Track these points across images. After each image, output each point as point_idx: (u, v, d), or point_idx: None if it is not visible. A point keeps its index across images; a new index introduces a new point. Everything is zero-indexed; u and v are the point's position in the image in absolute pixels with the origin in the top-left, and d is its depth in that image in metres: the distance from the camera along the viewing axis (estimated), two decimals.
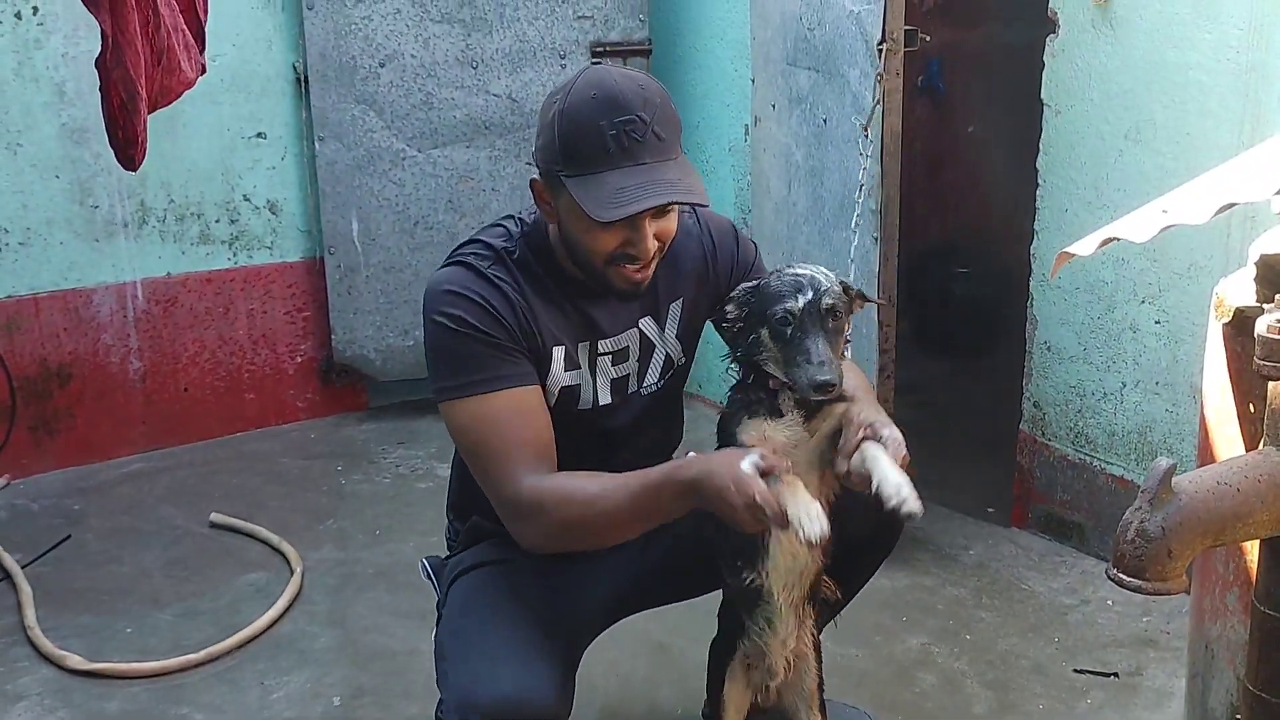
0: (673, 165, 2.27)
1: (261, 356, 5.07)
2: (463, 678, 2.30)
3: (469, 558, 2.59)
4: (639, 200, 2.20)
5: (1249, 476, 1.72)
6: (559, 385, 2.42)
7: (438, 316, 2.32)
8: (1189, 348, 3.47)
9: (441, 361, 2.36)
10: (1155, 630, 3.49)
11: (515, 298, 2.34)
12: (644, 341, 2.52)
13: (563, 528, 2.29)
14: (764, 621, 2.44)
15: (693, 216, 2.60)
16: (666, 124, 2.27)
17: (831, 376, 2.17)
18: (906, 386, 4.57)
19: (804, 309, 2.22)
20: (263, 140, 4.90)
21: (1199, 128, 3.40)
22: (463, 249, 2.43)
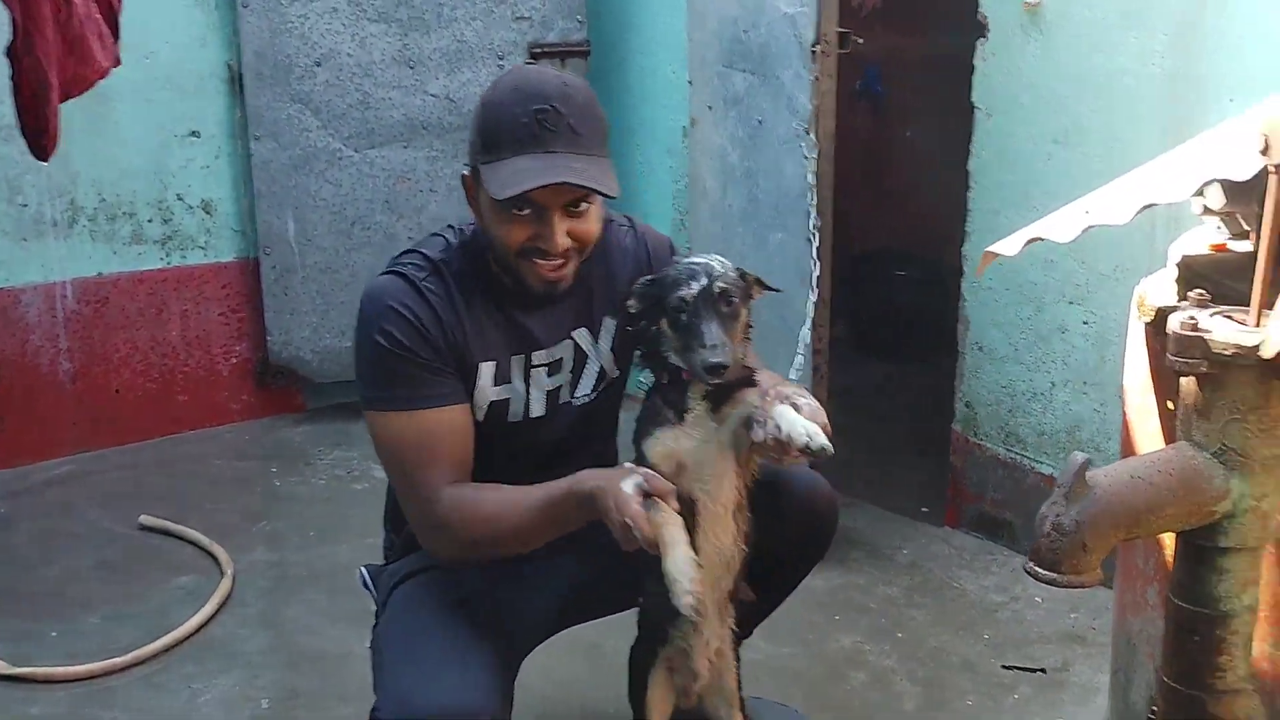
0: (584, 158, 2.26)
1: (195, 358, 5.02)
2: (400, 684, 2.28)
3: (408, 564, 2.57)
4: (534, 179, 2.21)
5: (1161, 471, 1.74)
6: (487, 400, 2.43)
7: (373, 331, 2.32)
8: (1116, 348, 3.50)
9: (369, 372, 2.37)
10: (1082, 626, 3.53)
11: (445, 314, 2.34)
12: (578, 352, 2.52)
13: (471, 542, 2.33)
14: (688, 624, 2.43)
15: (631, 233, 2.60)
16: (585, 121, 2.27)
17: (724, 358, 2.18)
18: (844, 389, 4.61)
19: (698, 295, 2.23)
20: (196, 139, 4.86)
21: (1126, 132, 3.44)
22: (401, 259, 2.42)
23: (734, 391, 2.28)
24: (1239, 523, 1.77)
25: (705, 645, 2.45)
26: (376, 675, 2.42)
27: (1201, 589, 1.82)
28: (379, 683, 2.38)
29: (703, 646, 2.45)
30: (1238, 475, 1.75)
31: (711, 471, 2.28)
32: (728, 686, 2.54)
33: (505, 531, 2.30)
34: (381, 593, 2.60)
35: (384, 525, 2.73)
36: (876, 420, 5.10)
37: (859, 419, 4.97)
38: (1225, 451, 1.75)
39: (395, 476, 2.41)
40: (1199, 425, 1.78)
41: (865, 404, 5.24)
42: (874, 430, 4.98)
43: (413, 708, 2.21)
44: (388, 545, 2.71)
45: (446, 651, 2.33)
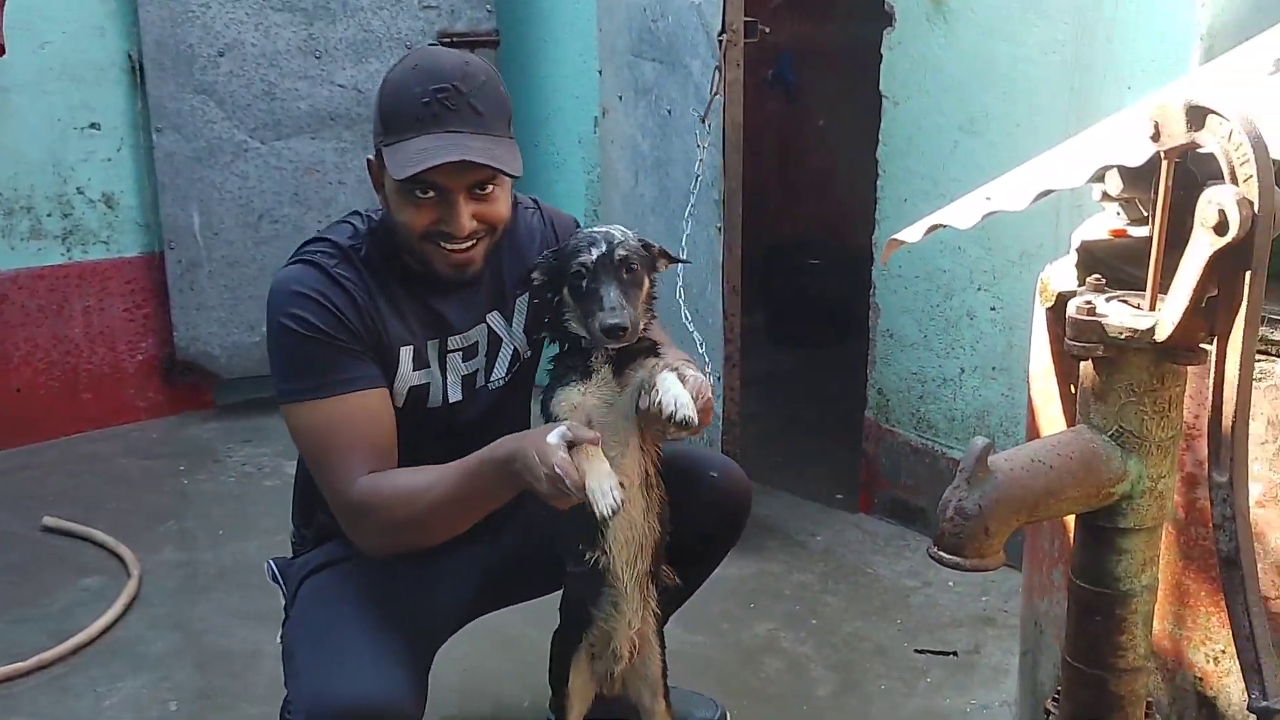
0: (485, 138, 2.24)
1: (99, 355, 4.92)
2: (313, 680, 2.25)
3: (317, 556, 2.54)
4: (431, 158, 2.18)
5: (1061, 454, 1.75)
6: (407, 385, 2.40)
7: (282, 318, 2.28)
8: (1023, 333, 3.53)
9: (284, 363, 2.32)
10: (994, 609, 3.57)
11: (361, 298, 2.31)
12: (491, 336, 2.51)
13: (394, 526, 2.28)
14: (610, 604, 2.43)
15: (537, 212, 2.60)
16: (487, 100, 2.26)
17: (622, 320, 2.18)
18: (759, 378, 4.64)
19: (597, 260, 2.24)
20: (97, 131, 4.75)
21: (1029, 119, 3.48)
22: (309, 246, 2.38)
23: (636, 359, 2.28)
24: (1137, 504, 1.78)
25: (627, 626, 2.45)
26: (288, 669, 2.38)
27: (1102, 569, 1.83)
28: (290, 677, 2.35)
29: (624, 627, 2.45)
30: (1135, 457, 1.77)
31: (616, 439, 2.26)
32: (651, 673, 2.55)
33: (427, 510, 2.25)
34: (290, 586, 2.56)
35: (292, 519, 2.69)
36: (790, 408, 5.13)
37: (773, 407, 5.00)
38: (1122, 434, 1.77)
39: (315, 467, 2.35)
40: (1097, 408, 1.79)
41: (778, 392, 5.26)
42: (787, 418, 5.00)
43: (326, 703, 2.18)
44: (296, 539, 2.68)
45: (359, 644, 2.29)
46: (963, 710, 3.12)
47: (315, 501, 2.46)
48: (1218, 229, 1.59)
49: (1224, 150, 1.60)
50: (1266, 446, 2.08)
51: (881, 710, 3.13)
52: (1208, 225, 1.60)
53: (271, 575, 2.64)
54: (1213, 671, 2.28)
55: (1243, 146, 1.57)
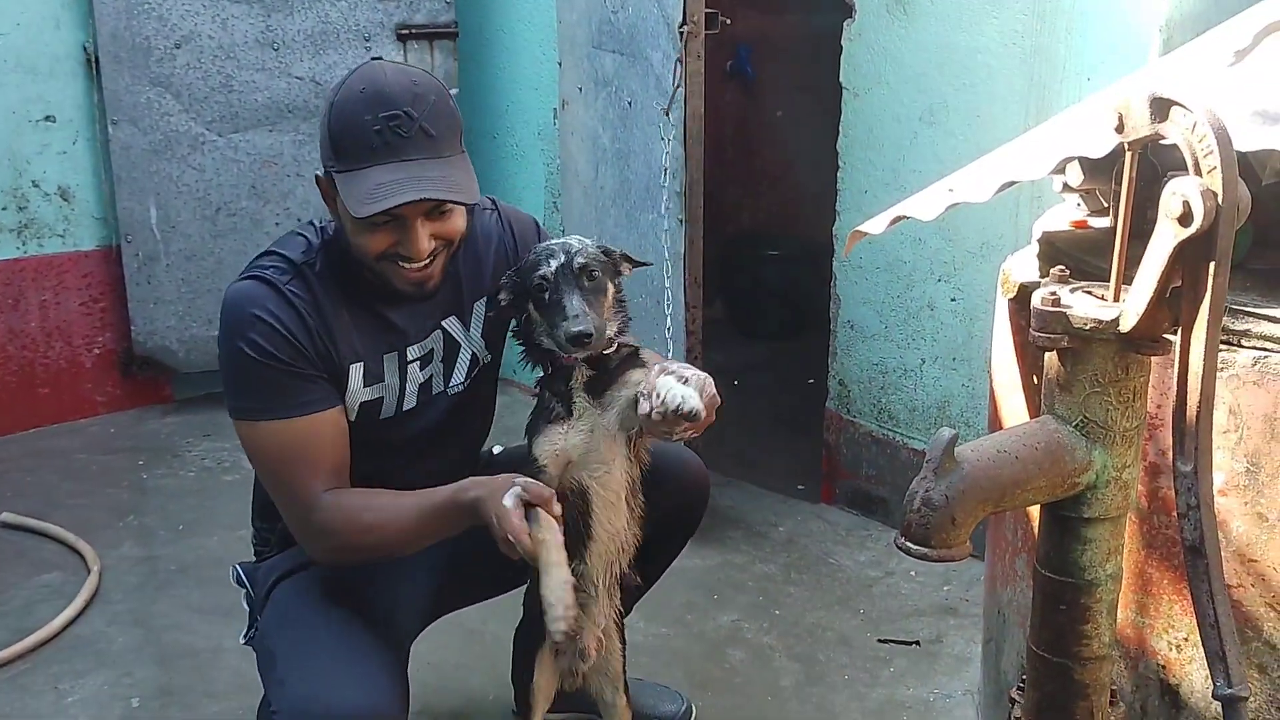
0: (441, 163, 2.22)
1: (56, 349, 4.87)
2: (300, 690, 2.24)
3: (285, 562, 2.53)
4: (393, 195, 2.16)
5: (1027, 444, 1.76)
6: (358, 401, 2.39)
7: (237, 340, 2.26)
8: (983, 324, 3.57)
9: (236, 383, 2.31)
10: (955, 599, 3.60)
11: (312, 319, 2.29)
12: (448, 341, 2.49)
13: (352, 549, 2.31)
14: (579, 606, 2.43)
15: (495, 214, 2.58)
16: (439, 121, 2.22)
17: (585, 327, 2.18)
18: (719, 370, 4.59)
19: (556, 271, 2.25)
20: (52, 124, 4.70)
21: (988, 110, 3.50)
22: (262, 261, 2.35)
23: (617, 374, 2.28)
24: (1102, 493, 1.80)
25: (594, 625, 2.45)
26: (268, 677, 2.38)
27: (1067, 559, 1.85)
28: (274, 684, 2.33)
29: (592, 627, 2.45)
30: (1099, 447, 1.78)
31: (600, 459, 2.28)
32: (613, 668, 2.56)
33: (388, 539, 2.29)
34: (259, 590, 2.54)
35: (253, 519, 2.67)
36: (751, 399, 5.14)
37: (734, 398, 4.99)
38: (1087, 424, 1.78)
39: (270, 485, 2.36)
40: (1061, 399, 1.81)
41: (740, 384, 5.27)
42: (749, 409, 5.01)
43: (313, 710, 2.18)
44: (259, 540, 2.66)
45: (341, 651, 2.30)
46: (926, 699, 3.14)
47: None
48: (1182, 220, 1.60)
49: (1188, 142, 1.61)
50: (1228, 435, 2.10)
51: (845, 700, 3.14)
52: (1172, 216, 1.61)
53: (237, 579, 2.62)
54: (1175, 659, 2.30)
55: (1207, 138, 1.58)
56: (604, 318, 2.26)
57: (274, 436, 2.28)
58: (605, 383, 2.29)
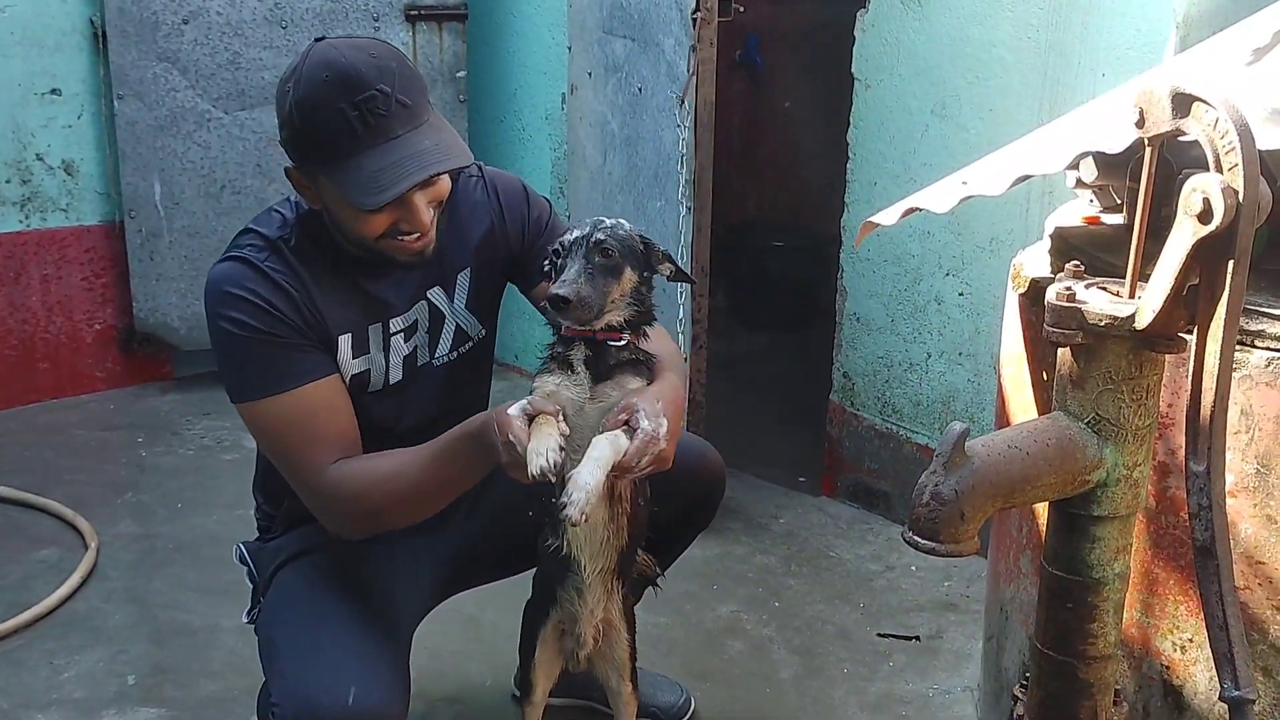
0: (426, 130, 2.18)
1: (57, 324, 4.85)
2: (302, 681, 2.21)
3: (290, 544, 2.51)
4: (399, 180, 2.12)
5: (1038, 441, 1.75)
6: (349, 374, 2.36)
7: (219, 320, 2.24)
8: (990, 319, 3.56)
9: (229, 364, 2.29)
10: (956, 594, 3.58)
11: (295, 290, 2.26)
12: (433, 312, 2.46)
13: (371, 512, 2.26)
14: (573, 591, 2.43)
15: (480, 180, 2.53)
16: (409, 89, 2.17)
17: (565, 291, 2.14)
18: (722, 360, 4.62)
19: (573, 241, 2.22)
20: (57, 97, 4.68)
21: (1001, 104, 3.48)
22: (238, 240, 2.32)
23: (618, 372, 2.25)
24: (1112, 492, 1.78)
25: (590, 614, 2.44)
26: (270, 666, 2.35)
27: (1075, 557, 1.83)
28: (276, 676, 2.31)
29: (588, 615, 2.44)
30: (1111, 445, 1.77)
31: (579, 443, 2.24)
32: (618, 656, 2.55)
33: (404, 493, 2.24)
34: (263, 573, 2.52)
35: (256, 497, 2.65)
36: (753, 390, 5.12)
37: (735, 389, 4.99)
38: (1099, 421, 1.76)
39: (278, 462, 2.32)
40: (1074, 395, 1.79)
41: (742, 374, 5.26)
42: (751, 400, 5.00)
43: (318, 708, 2.15)
44: (262, 518, 2.63)
45: (344, 646, 2.27)
46: (925, 695, 3.12)
47: (284, 485, 2.41)
48: (1201, 217, 1.58)
49: (1209, 138, 1.59)
50: (1239, 436, 2.09)
51: (843, 693, 3.13)
52: (1191, 213, 1.59)
53: (240, 558, 2.60)
54: (1179, 660, 2.29)
55: (1229, 134, 1.56)
56: (606, 298, 2.21)
57: (272, 413, 2.25)
58: (602, 369, 2.25)
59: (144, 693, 3.08)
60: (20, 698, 3.03)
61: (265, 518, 2.62)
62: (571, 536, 2.33)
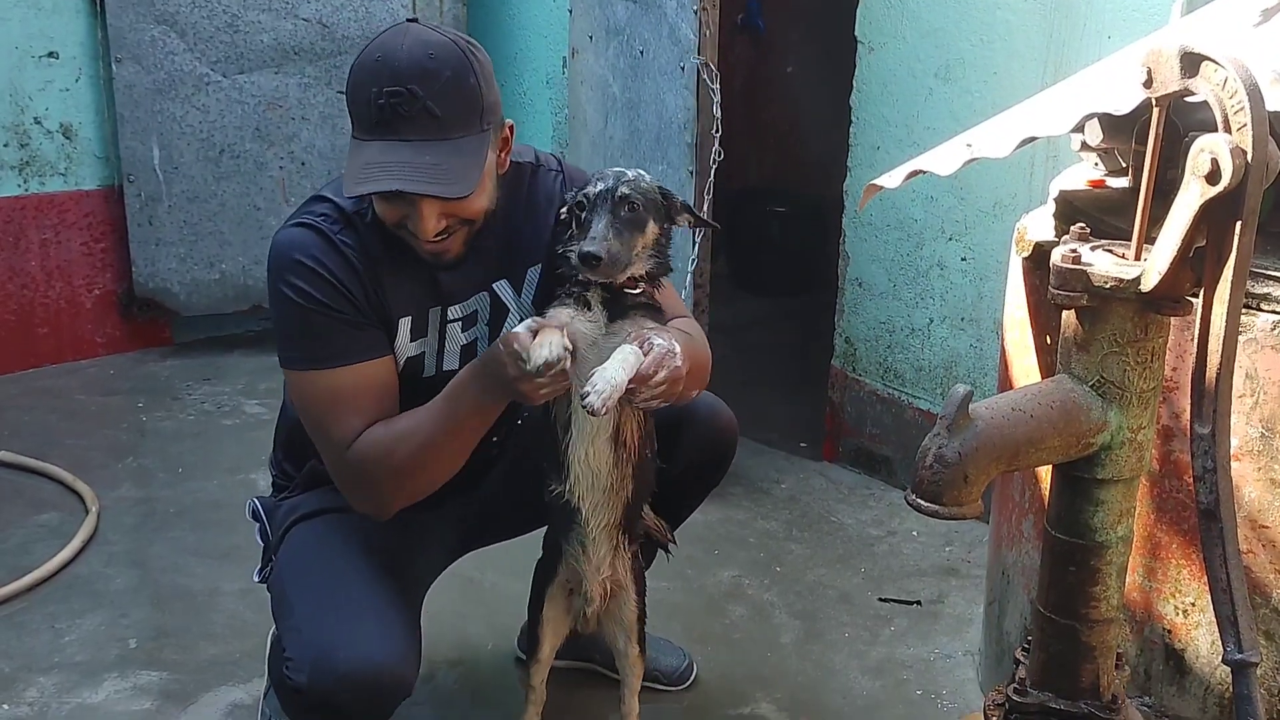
0: (440, 146, 2.13)
1: (56, 289, 4.83)
2: (318, 635, 2.21)
3: (308, 502, 2.50)
4: (371, 181, 2.11)
5: (1042, 403, 1.74)
6: (405, 356, 2.35)
7: (283, 286, 2.23)
8: (993, 284, 3.54)
9: (284, 331, 2.28)
10: (957, 559, 3.58)
11: (362, 266, 2.25)
12: (495, 305, 2.44)
13: (395, 472, 2.25)
14: (578, 545, 2.43)
15: (560, 175, 2.50)
16: (448, 101, 2.13)
17: (595, 249, 2.14)
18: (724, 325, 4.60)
19: (600, 193, 2.21)
20: (55, 60, 4.64)
21: (1006, 67, 3.46)
22: (313, 207, 2.30)
23: (633, 313, 2.24)
24: (1116, 455, 1.78)
25: (595, 570, 2.44)
26: (282, 623, 2.35)
27: (1078, 520, 1.83)
28: (289, 631, 2.30)
29: (593, 572, 2.44)
30: (1115, 408, 1.76)
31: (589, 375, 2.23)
32: (626, 617, 2.54)
33: (422, 446, 2.22)
34: (276, 529, 2.51)
35: (276, 455, 2.64)
36: (755, 356, 5.12)
37: (737, 354, 4.98)
38: (1104, 384, 1.76)
39: (314, 431, 2.31)
40: (1078, 358, 1.78)
41: (744, 339, 5.24)
42: (752, 366, 4.99)
43: (332, 665, 2.15)
44: (279, 475, 2.63)
45: (360, 601, 2.27)
46: (926, 659, 3.13)
47: (309, 447, 2.40)
48: (1209, 178, 1.57)
49: (1218, 98, 1.58)
50: (1244, 400, 2.09)
51: (845, 658, 3.13)
52: (1199, 174, 1.58)
53: (252, 513, 2.59)
54: (1182, 624, 2.30)
55: (1238, 94, 1.55)
56: (631, 251, 2.21)
57: (319, 385, 2.25)
58: (618, 309, 2.25)
59: (146, 656, 3.08)
60: (22, 661, 3.04)
61: (283, 476, 2.61)
62: (575, 481, 2.32)
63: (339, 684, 2.14)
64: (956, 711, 2.88)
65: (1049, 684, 1.92)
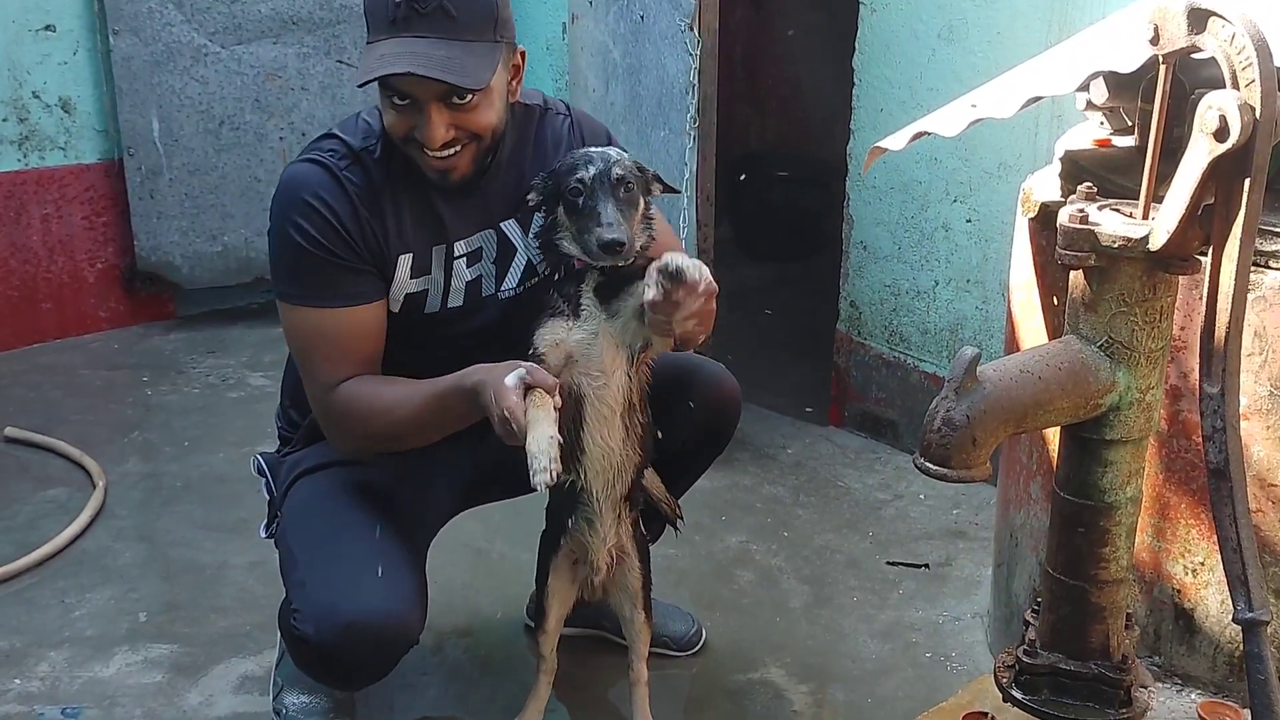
0: (453, 44, 2.16)
1: (58, 264, 4.82)
2: (322, 588, 2.25)
3: (311, 456, 2.52)
4: (384, 67, 2.14)
5: (1050, 365, 1.73)
6: (404, 292, 2.38)
7: (285, 223, 2.28)
8: (998, 245, 3.52)
9: (282, 266, 2.34)
10: (965, 522, 3.58)
11: (365, 207, 2.29)
12: (503, 243, 2.45)
13: (368, 436, 2.34)
14: (584, 520, 2.43)
15: (568, 119, 2.53)
16: (465, 5, 2.18)
17: (620, 235, 2.17)
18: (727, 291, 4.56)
19: (595, 177, 2.22)
20: (52, 33, 4.61)
21: (1009, 26, 3.43)
22: (322, 143, 2.34)
23: (625, 285, 2.25)
24: (1124, 415, 1.77)
25: (602, 541, 2.44)
26: (289, 577, 2.38)
27: (1086, 481, 1.83)
28: (295, 585, 2.34)
29: (599, 542, 2.44)
30: (1124, 368, 1.75)
31: (600, 367, 2.26)
32: (631, 585, 2.55)
33: (400, 424, 2.29)
34: (280, 483, 2.54)
35: (283, 402, 2.67)
36: (760, 321, 5.10)
37: (742, 319, 4.98)
38: (1112, 344, 1.75)
39: (300, 364, 2.38)
40: (1086, 319, 1.77)
41: (748, 304, 5.23)
42: (757, 330, 4.98)
43: (338, 615, 2.19)
44: (285, 425, 2.66)
45: (367, 552, 2.31)
46: (935, 622, 3.13)
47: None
48: (1218, 135, 1.56)
49: (1225, 54, 1.56)
50: (1252, 359, 2.08)
51: (854, 622, 3.13)
52: (1207, 131, 1.57)
53: (258, 468, 2.62)
54: (1191, 584, 2.29)
55: (1246, 50, 1.53)
56: (634, 229, 2.25)
57: (310, 321, 2.31)
58: (614, 291, 2.27)
59: (156, 629, 3.09)
60: (33, 636, 3.04)
61: (289, 426, 2.64)
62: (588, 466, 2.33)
63: (344, 635, 2.19)
64: (966, 674, 2.88)
65: (1059, 645, 1.92)
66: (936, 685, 2.86)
